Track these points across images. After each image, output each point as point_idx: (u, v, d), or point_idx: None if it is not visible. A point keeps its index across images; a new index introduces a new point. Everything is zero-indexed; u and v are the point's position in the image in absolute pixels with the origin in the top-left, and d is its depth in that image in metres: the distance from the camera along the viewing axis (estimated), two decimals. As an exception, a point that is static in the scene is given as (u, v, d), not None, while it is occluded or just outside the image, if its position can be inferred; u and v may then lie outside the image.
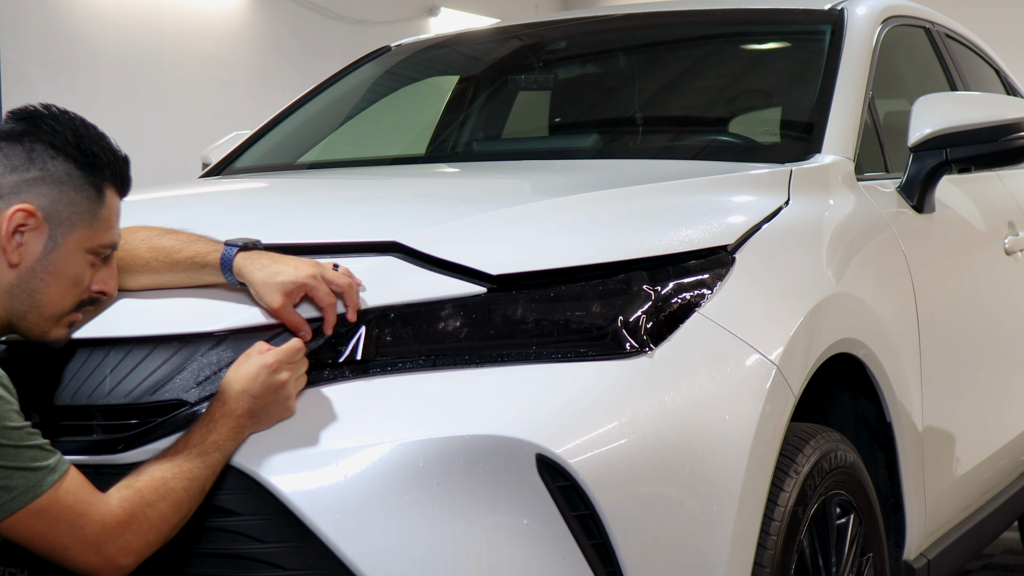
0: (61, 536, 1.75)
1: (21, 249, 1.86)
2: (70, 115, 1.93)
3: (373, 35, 9.88)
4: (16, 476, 1.72)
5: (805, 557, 2.20)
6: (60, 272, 1.88)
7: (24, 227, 1.85)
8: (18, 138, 1.88)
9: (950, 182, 3.27)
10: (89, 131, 1.92)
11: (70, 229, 1.88)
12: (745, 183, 2.54)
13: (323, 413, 1.88)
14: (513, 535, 1.81)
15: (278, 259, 1.97)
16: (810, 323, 2.24)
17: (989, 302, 3.37)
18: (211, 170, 3.60)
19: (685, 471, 1.93)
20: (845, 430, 2.60)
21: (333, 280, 1.94)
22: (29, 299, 1.87)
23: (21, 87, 7.90)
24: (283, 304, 1.93)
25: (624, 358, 1.96)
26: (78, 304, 1.93)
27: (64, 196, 1.88)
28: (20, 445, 1.72)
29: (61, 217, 1.88)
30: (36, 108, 1.93)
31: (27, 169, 1.87)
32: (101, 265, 1.94)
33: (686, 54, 3.66)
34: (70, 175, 1.88)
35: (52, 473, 1.74)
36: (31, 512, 1.73)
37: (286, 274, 1.93)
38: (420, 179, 3.01)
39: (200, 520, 1.85)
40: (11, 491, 1.72)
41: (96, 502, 1.77)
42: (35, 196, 1.86)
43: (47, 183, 1.87)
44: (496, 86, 3.87)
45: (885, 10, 3.35)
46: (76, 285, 1.90)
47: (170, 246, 2.04)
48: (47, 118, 1.91)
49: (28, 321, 1.89)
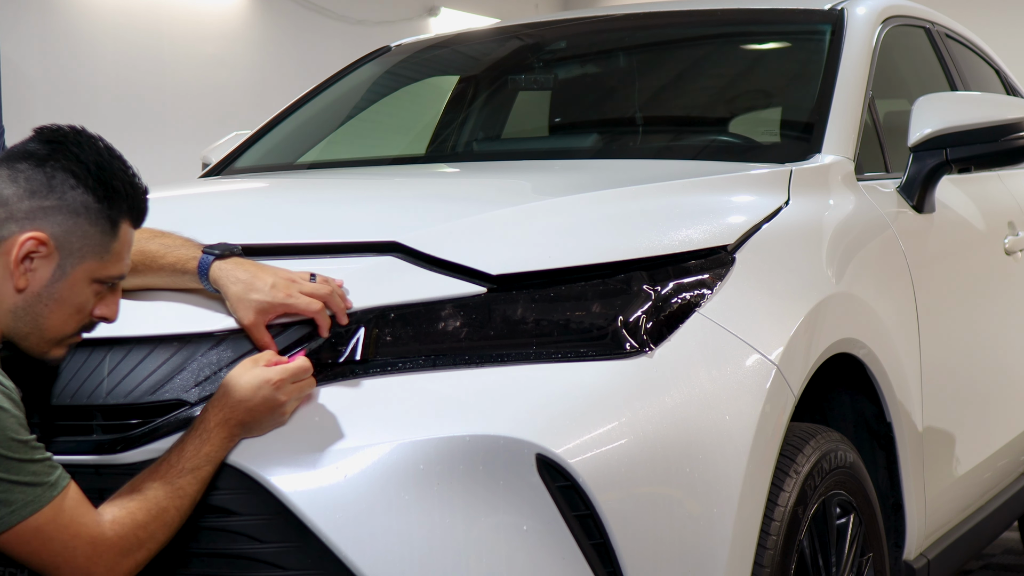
0: (54, 556, 1.76)
1: (29, 275, 1.85)
2: (96, 143, 1.91)
3: (373, 35, 9.88)
4: (16, 490, 1.72)
5: (805, 557, 2.20)
6: (65, 300, 1.88)
7: (35, 254, 1.84)
8: (41, 162, 1.86)
9: (950, 182, 3.27)
10: (113, 163, 1.90)
11: (80, 260, 1.87)
12: (745, 183, 2.54)
13: (323, 413, 1.88)
14: (513, 535, 1.81)
15: (255, 274, 1.96)
16: (810, 323, 2.24)
17: (989, 302, 3.37)
18: (211, 170, 3.60)
19: (685, 471, 1.93)
20: (845, 430, 2.60)
21: (312, 292, 1.94)
22: (32, 322, 1.87)
23: (21, 87, 7.90)
24: (254, 322, 1.93)
25: (624, 358, 1.96)
26: (79, 329, 1.93)
27: (78, 228, 1.86)
28: (24, 459, 1.73)
29: (72, 248, 1.87)
30: (64, 130, 1.91)
31: (46, 196, 1.85)
32: (106, 293, 1.93)
33: (686, 54, 3.66)
34: (87, 207, 1.86)
35: (52, 489, 1.75)
36: (28, 528, 1.73)
37: (261, 293, 1.93)
38: (420, 179, 3.01)
39: (200, 520, 1.85)
40: (10, 505, 1.72)
41: (89, 523, 1.77)
42: (50, 224, 1.85)
43: (63, 212, 1.85)
44: (496, 86, 3.87)
45: (885, 10, 3.35)
46: (79, 312, 1.90)
47: (155, 251, 2.03)
48: (72, 144, 1.88)
49: (29, 342, 1.89)
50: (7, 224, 1.84)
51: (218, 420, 1.84)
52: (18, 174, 1.86)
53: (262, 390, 1.84)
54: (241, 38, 9.64)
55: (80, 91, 8.31)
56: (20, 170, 1.86)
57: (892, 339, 2.61)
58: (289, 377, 1.86)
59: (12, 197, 1.84)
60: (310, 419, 1.88)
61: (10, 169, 1.86)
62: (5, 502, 1.72)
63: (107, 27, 8.59)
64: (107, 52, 8.60)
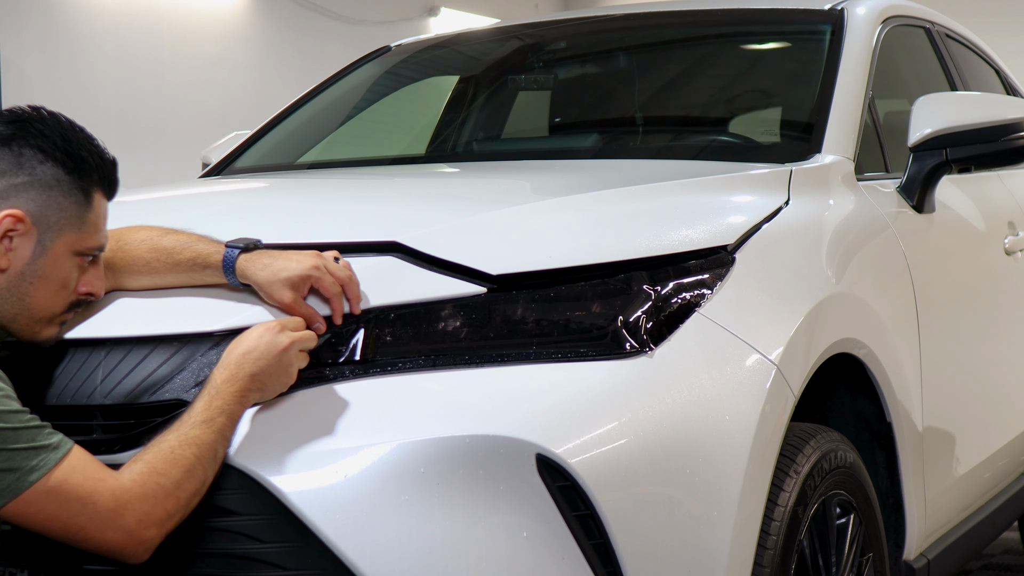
0: (75, 516, 1.73)
1: (10, 254, 1.86)
2: (59, 118, 1.93)
3: (373, 35, 9.88)
4: (18, 457, 1.71)
5: (805, 557, 2.20)
6: (48, 276, 1.89)
7: (13, 232, 1.86)
8: (7, 142, 1.88)
9: (950, 182, 3.27)
10: (78, 134, 1.92)
11: (58, 233, 1.89)
12: (745, 183, 2.54)
13: (323, 413, 1.88)
14: (513, 535, 1.81)
15: (279, 255, 1.98)
16: (810, 323, 2.24)
17: (989, 302, 3.37)
18: (211, 170, 3.60)
19: (685, 471, 1.93)
20: (845, 430, 2.60)
21: (335, 271, 1.95)
22: (19, 302, 1.88)
23: (21, 87, 7.91)
24: (293, 298, 1.95)
25: (624, 358, 1.96)
26: (68, 306, 1.93)
27: (52, 201, 1.88)
28: (19, 427, 1.72)
29: (49, 222, 1.88)
30: (25, 110, 1.93)
31: (16, 174, 1.87)
32: (88, 267, 1.94)
33: (686, 54, 3.66)
34: (59, 180, 1.88)
35: (55, 451, 1.74)
36: (39, 493, 1.71)
37: (290, 269, 1.95)
38: (420, 179, 3.01)
39: (200, 520, 1.85)
40: (15, 472, 1.71)
41: (106, 477, 1.76)
42: (24, 201, 1.86)
43: (36, 188, 1.87)
44: (496, 86, 3.87)
45: (885, 10, 3.35)
46: (64, 288, 1.91)
47: (171, 247, 2.04)
48: (36, 121, 1.91)
49: (19, 323, 1.90)
50: None
51: (225, 376, 1.84)
52: None
53: (264, 336, 1.86)
54: (241, 38, 9.64)
55: (80, 91, 8.31)
56: None
57: (892, 339, 2.61)
58: (288, 324, 1.89)
59: None
60: (310, 419, 1.88)
61: None
62: (9, 470, 1.70)
63: (107, 27, 8.59)
64: (107, 52, 8.60)
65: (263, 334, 1.87)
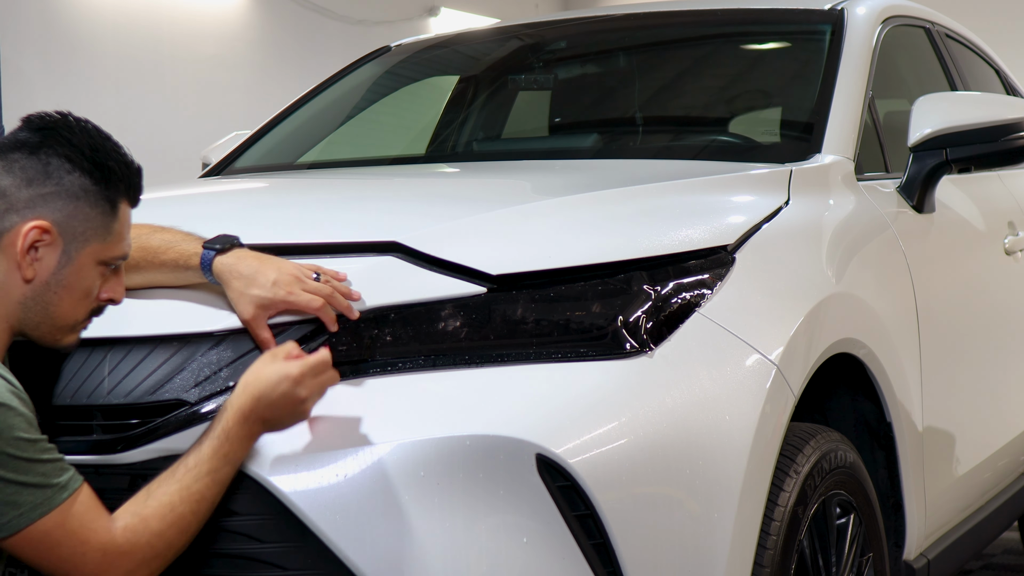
0: (63, 561, 1.74)
1: (36, 264, 1.85)
2: (86, 126, 1.91)
3: (373, 35, 9.89)
4: (25, 492, 1.71)
5: (805, 557, 2.20)
6: (73, 285, 1.88)
7: (39, 243, 1.84)
8: (34, 150, 1.86)
9: (950, 182, 3.27)
10: (105, 143, 1.90)
11: (84, 244, 1.87)
12: (745, 183, 2.54)
13: (323, 413, 1.88)
14: (513, 535, 1.81)
15: (257, 268, 1.95)
16: (810, 323, 2.24)
17: (989, 302, 3.37)
18: (211, 170, 3.60)
19: (685, 471, 1.93)
20: (845, 430, 2.60)
21: (315, 291, 1.93)
22: (43, 311, 1.87)
23: (21, 87, 7.90)
24: (254, 317, 1.92)
25: (624, 358, 1.96)
26: (89, 313, 1.93)
27: (79, 211, 1.86)
28: (32, 459, 1.72)
29: (75, 232, 1.87)
30: (53, 117, 1.90)
31: (43, 183, 1.85)
32: (110, 275, 1.93)
33: (686, 54, 3.66)
34: (85, 190, 1.87)
35: (62, 492, 1.74)
36: (36, 532, 1.72)
37: (262, 289, 1.92)
38: (420, 179, 3.01)
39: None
40: (19, 507, 1.71)
41: (100, 529, 1.75)
42: (50, 211, 1.85)
43: (63, 198, 1.85)
44: (496, 86, 3.87)
45: (885, 10, 3.35)
46: (87, 296, 1.90)
47: (156, 246, 2.03)
48: (63, 129, 1.88)
49: (41, 331, 1.89)
50: (8, 215, 1.84)
51: (237, 418, 1.82)
52: (13, 164, 1.85)
53: (282, 385, 1.82)
54: (241, 38, 9.64)
55: (80, 91, 8.31)
56: (14, 160, 1.85)
57: (892, 339, 2.61)
58: (310, 371, 1.84)
59: (10, 187, 1.84)
60: (310, 419, 1.88)
61: (4, 160, 1.86)
62: (13, 504, 1.70)
63: (107, 27, 8.59)
64: (107, 52, 8.60)
65: (281, 381, 1.82)
